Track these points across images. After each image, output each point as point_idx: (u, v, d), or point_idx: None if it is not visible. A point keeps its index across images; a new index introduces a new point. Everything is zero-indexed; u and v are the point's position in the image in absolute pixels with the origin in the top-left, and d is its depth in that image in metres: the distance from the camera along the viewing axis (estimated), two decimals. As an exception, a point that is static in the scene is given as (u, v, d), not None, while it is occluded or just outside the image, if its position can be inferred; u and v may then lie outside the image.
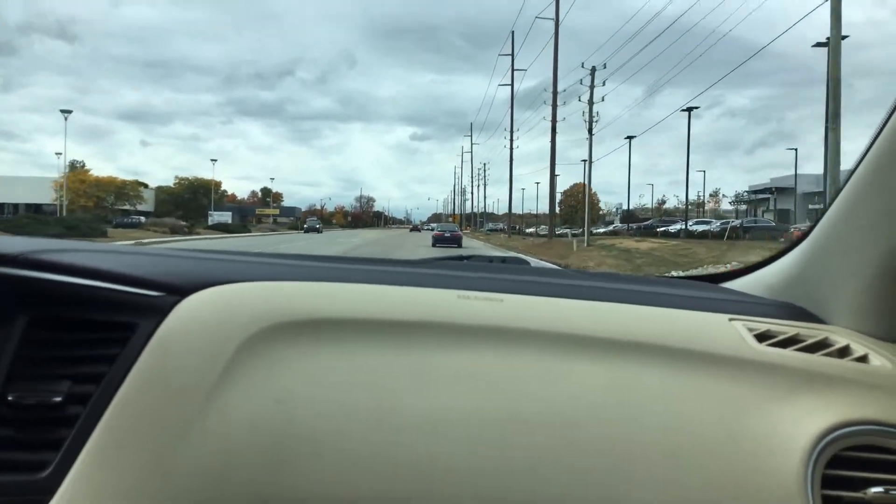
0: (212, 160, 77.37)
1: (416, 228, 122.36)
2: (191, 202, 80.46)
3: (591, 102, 31.05)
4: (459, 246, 30.33)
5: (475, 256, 1.58)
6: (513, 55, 54.55)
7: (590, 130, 29.90)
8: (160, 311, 0.84)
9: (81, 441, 0.77)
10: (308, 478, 0.77)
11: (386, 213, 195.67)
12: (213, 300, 0.87)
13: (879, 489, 0.78)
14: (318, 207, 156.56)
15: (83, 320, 0.84)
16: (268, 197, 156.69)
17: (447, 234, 32.74)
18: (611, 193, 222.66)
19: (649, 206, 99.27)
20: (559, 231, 52.13)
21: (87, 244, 1.03)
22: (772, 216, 54.26)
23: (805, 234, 1.12)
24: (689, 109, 39.51)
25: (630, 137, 46.99)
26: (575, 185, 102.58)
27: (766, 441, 0.81)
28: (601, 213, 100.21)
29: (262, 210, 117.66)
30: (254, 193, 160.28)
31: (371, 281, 0.97)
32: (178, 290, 0.87)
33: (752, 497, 0.78)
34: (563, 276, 1.30)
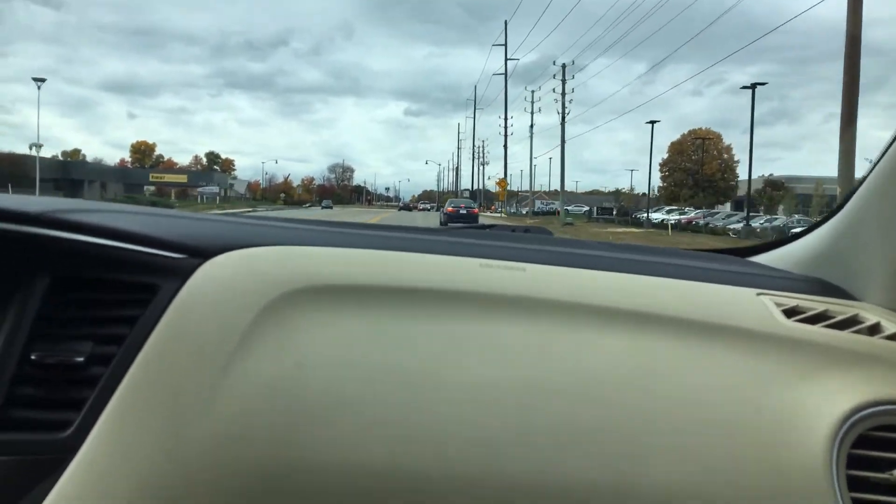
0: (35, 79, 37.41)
1: (406, 207, 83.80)
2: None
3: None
4: None
5: (498, 226, 1.54)
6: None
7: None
8: (182, 273, 0.84)
9: (103, 401, 0.77)
10: (327, 443, 0.77)
11: (368, 188, 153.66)
12: (236, 263, 0.86)
13: None
14: (284, 177, 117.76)
15: (105, 281, 0.84)
16: (215, 163, 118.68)
17: (462, 211, 30.05)
18: (604, 173, 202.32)
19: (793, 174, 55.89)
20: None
21: (110, 205, 1.02)
22: None
23: (837, 209, 1.09)
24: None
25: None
26: (691, 132, 60.14)
27: (792, 418, 0.80)
28: (734, 182, 57.36)
29: (157, 176, 74.39)
30: (196, 159, 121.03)
31: (393, 248, 0.96)
32: (201, 253, 0.86)
33: (776, 475, 0.77)
34: (587, 246, 1.22)
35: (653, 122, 39.43)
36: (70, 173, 63.02)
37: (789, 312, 0.90)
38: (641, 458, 0.78)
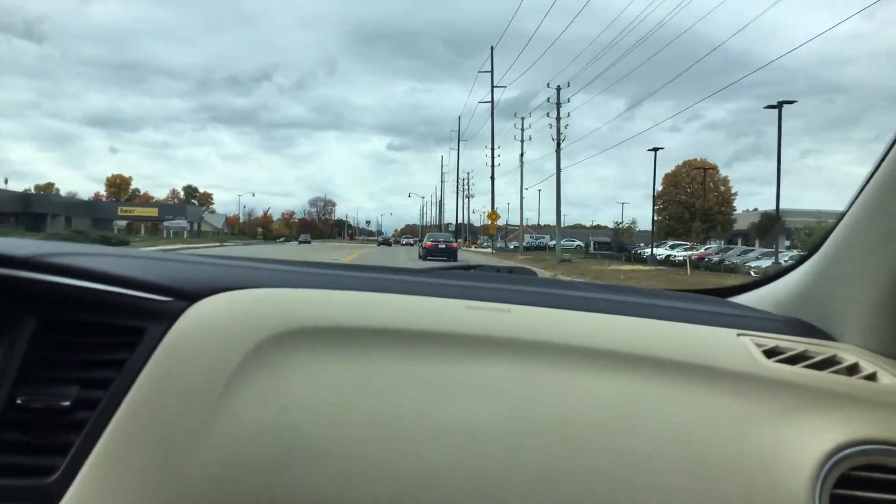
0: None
1: (386, 242, 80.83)
2: None
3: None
4: (455, 260, 27.68)
5: (482, 266, 1.57)
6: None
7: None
8: (169, 317, 0.84)
9: (89, 446, 0.77)
10: (313, 486, 0.77)
11: (350, 222, 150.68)
12: (222, 306, 0.86)
13: None
14: (264, 211, 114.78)
15: (93, 324, 0.84)
16: (193, 197, 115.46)
17: (441, 246, 30.45)
18: (585, 206, 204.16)
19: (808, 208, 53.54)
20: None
21: (98, 248, 1.03)
22: None
23: (814, 249, 1.11)
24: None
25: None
26: (686, 163, 57.92)
27: (774, 459, 0.80)
28: (733, 217, 55.11)
29: (127, 209, 70.82)
30: (174, 193, 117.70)
31: (379, 289, 0.97)
32: (188, 296, 0.86)
33: None
34: (571, 287, 1.25)
35: (656, 150, 36.91)
36: (32, 207, 59.55)
37: (769, 353, 0.91)
38: (625, 499, 0.78)
